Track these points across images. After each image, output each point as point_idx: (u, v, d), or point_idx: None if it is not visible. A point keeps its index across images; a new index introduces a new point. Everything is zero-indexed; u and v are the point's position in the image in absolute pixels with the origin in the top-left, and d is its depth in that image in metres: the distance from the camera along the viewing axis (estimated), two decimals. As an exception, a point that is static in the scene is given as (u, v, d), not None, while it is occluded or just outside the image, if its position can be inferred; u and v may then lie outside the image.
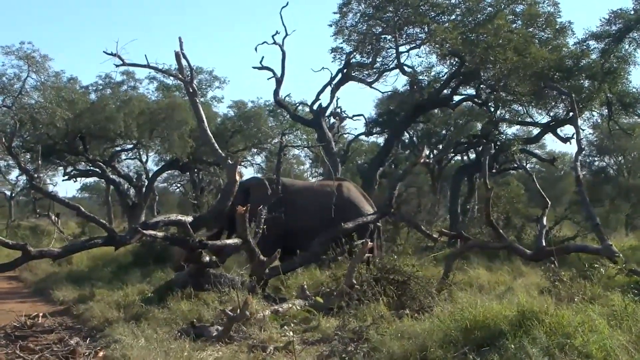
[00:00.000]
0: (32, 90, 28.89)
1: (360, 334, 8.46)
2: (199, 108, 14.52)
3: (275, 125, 33.69)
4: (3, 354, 8.66)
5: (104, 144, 31.09)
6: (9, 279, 17.81)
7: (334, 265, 12.66)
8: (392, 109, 24.97)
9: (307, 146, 31.76)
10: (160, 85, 33.07)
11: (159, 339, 8.56)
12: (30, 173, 12.64)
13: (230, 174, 13.53)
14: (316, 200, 14.67)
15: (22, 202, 46.21)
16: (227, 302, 10.35)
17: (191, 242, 11.29)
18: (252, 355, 7.86)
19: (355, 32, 21.44)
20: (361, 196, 15.51)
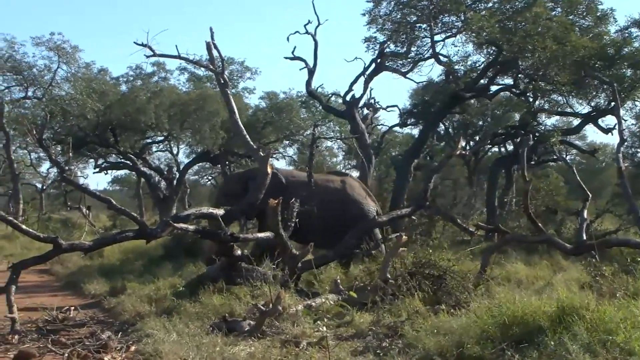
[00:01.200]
0: (62, 82, 29.18)
1: (395, 329, 8.38)
2: (230, 99, 14.44)
3: (307, 116, 33.54)
4: (35, 347, 8.65)
5: (134, 136, 31.24)
6: (41, 272, 17.90)
7: (367, 259, 12.51)
8: (427, 99, 24.62)
9: (340, 138, 31.60)
10: (191, 76, 33.19)
11: (190, 333, 8.53)
12: (61, 165, 12.56)
13: (262, 166, 13.42)
14: (317, 194, 14.44)
15: (53, 194, 46.71)
16: (259, 296, 10.27)
17: (223, 235, 11.22)
18: (285, 350, 7.76)
19: (389, 21, 21.18)
20: (363, 192, 15.28)
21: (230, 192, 14.69)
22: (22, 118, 27.25)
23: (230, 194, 14.64)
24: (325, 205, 13.95)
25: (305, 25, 21.32)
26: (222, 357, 7.54)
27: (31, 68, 29.46)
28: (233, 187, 14.81)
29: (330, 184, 14.73)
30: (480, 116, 28.73)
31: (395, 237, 11.57)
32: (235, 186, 14.73)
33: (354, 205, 14.56)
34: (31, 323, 10.43)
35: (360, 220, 14.00)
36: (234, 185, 14.91)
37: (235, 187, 14.64)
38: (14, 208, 31.40)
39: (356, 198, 14.72)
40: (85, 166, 36.80)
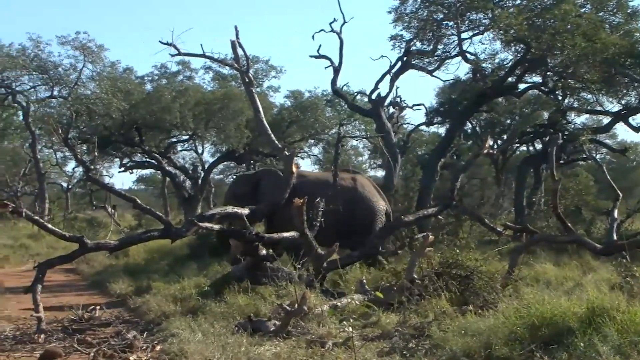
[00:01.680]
0: (88, 81, 29.44)
1: (421, 330, 8.28)
2: (255, 98, 14.42)
3: (332, 115, 33.49)
4: (61, 347, 8.66)
5: (159, 135, 31.37)
6: (66, 271, 18.02)
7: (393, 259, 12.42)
8: (454, 97, 24.44)
9: (365, 137, 31.49)
10: (216, 75, 33.25)
11: (216, 333, 8.49)
12: (87, 165, 12.63)
13: (287, 165, 13.38)
14: (327, 192, 14.33)
15: (79, 194, 47.07)
16: (284, 296, 10.23)
17: (247, 234, 11.17)
18: (311, 350, 7.68)
19: (416, 19, 21.00)
20: (374, 190, 15.17)
21: (240, 193, 14.63)
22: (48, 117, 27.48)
23: (240, 195, 14.59)
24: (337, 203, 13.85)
25: (330, 24, 21.25)
26: (248, 357, 7.49)
27: (57, 67, 29.74)
28: (243, 188, 14.76)
29: (341, 183, 14.63)
30: (508, 114, 28.51)
31: (422, 237, 11.44)
32: (245, 187, 14.68)
33: (364, 204, 14.48)
34: (57, 322, 10.49)
35: (370, 218, 13.90)
36: (243, 187, 14.85)
37: (245, 188, 14.60)
38: (40, 207, 31.67)
39: (366, 196, 14.63)
40: (110, 165, 37.03)
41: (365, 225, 14.07)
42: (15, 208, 10.70)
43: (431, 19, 20.95)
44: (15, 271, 18.79)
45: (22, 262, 20.55)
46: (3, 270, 18.76)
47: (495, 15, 19.41)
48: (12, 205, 10.76)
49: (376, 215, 14.26)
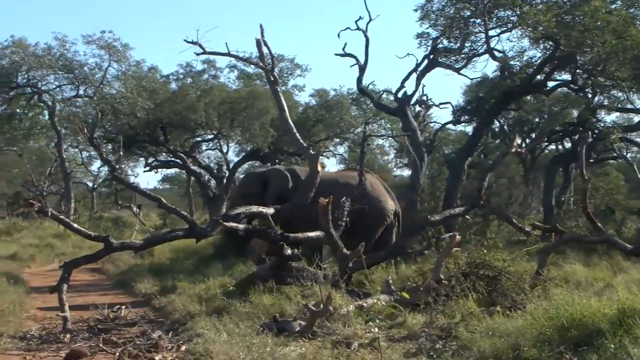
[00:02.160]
0: (113, 80, 29.56)
1: (448, 331, 8.24)
2: (280, 97, 14.37)
3: (358, 114, 33.38)
4: (87, 346, 8.72)
5: (184, 134, 31.47)
6: (92, 271, 18.12)
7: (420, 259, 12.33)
8: (482, 96, 24.21)
9: (391, 136, 31.27)
10: (241, 74, 33.24)
11: (241, 333, 8.50)
12: (112, 164, 12.67)
13: (312, 164, 13.30)
14: (335, 191, 14.21)
15: (104, 193, 47.41)
16: (309, 296, 10.22)
17: (272, 234, 11.14)
18: (336, 351, 7.66)
19: (442, 17, 20.80)
20: (383, 189, 15.04)
21: (248, 192, 14.56)
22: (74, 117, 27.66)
23: (248, 194, 14.54)
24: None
25: (356, 21, 21.06)
26: (273, 357, 7.47)
27: (82, 66, 29.93)
28: (251, 187, 14.68)
29: (351, 181, 14.52)
30: (536, 113, 28.27)
31: (449, 237, 11.35)
32: (253, 186, 14.60)
33: (373, 204, 14.35)
34: (83, 322, 10.56)
35: (379, 218, 13.79)
36: (252, 185, 14.77)
37: (254, 187, 14.53)
38: (65, 207, 31.90)
39: (375, 196, 14.49)
40: (135, 165, 37.23)
41: (374, 224, 13.91)
42: (41, 207, 10.76)
43: (458, 17, 20.75)
44: (41, 270, 18.93)
45: (48, 261, 20.68)
46: (29, 270, 18.89)
47: (524, 12, 19.18)
48: (38, 205, 10.82)
49: (385, 215, 14.13)
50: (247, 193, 14.61)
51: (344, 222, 12.08)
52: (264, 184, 14.56)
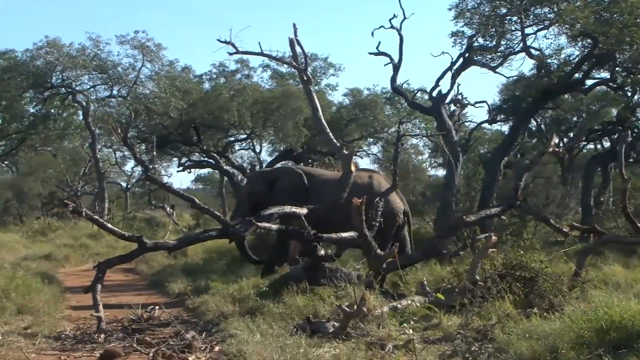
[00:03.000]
0: (146, 80, 29.74)
1: (484, 333, 8.11)
2: (314, 96, 14.27)
3: (392, 113, 33.28)
4: (121, 347, 8.75)
5: (217, 134, 31.60)
6: (126, 271, 18.23)
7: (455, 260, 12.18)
8: (518, 94, 23.93)
9: (426, 135, 31.15)
10: (274, 74, 33.27)
11: (274, 334, 8.47)
12: (146, 164, 12.68)
13: (346, 164, 13.19)
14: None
15: (138, 193, 47.73)
16: (343, 297, 10.12)
17: (306, 234, 11.07)
18: (370, 353, 7.61)
19: (478, 15, 20.61)
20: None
21: (256, 191, 14.49)
22: (108, 117, 27.92)
23: (256, 193, 14.47)
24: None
25: (390, 20, 20.95)
26: (307, 358, 7.43)
27: (116, 67, 30.21)
28: (259, 187, 14.59)
29: (358, 181, 14.39)
30: (574, 111, 28.00)
31: (485, 238, 11.20)
32: (260, 186, 14.50)
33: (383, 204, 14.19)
34: (117, 322, 10.61)
35: (390, 219, 13.63)
36: (259, 185, 14.67)
37: (261, 186, 14.42)
38: (99, 207, 32.16)
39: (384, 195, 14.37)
40: (168, 165, 37.54)
41: (386, 225, 13.72)
42: (75, 207, 10.80)
43: (494, 15, 20.54)
44: (75, 270, 19.10)
45: (82, 261, 20.86)
46: (64, 270, 19.07)
47: (561, 9, 18.96)
48: (73, 205, 10.86)
49: (395, 215, 13.99)
50: (255, 192, 14.55)
51: (377, 222, 11.97)
52: (271, 183, 14.47)
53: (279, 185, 14.26)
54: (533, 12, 20.31)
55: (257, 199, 14.03)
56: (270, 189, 14.13)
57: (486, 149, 31.98)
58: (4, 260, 15.54)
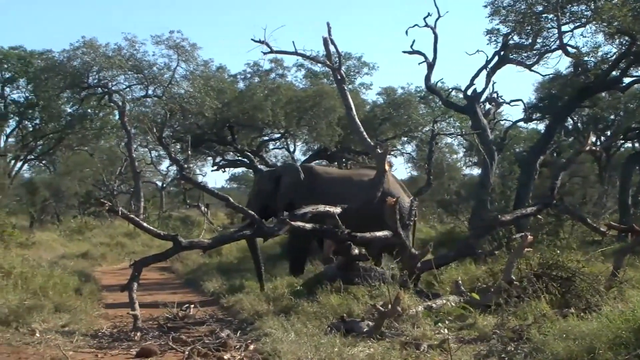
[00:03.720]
0: (181, 80, 29.87)
1: (520, 333, 8.03)
2: (347, 95, 14.25)
3: (426, 112, 33.07)
4: (157, 345, 8.81)
5: (251, 134, 31.63)
6: (161, 270, 18.37)
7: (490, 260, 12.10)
8: (554, 93, 23.74)
9: (460, 134, 30.84)
10: (308, 73, 33.24)
11: (309, 333, 8.49)
12: (180, 163, 12.73)
13: (380, 163, 13.15)
14: (351, 190, 13.96)
15: (173, 192, 47.94)
16: (377, 296, 10.10)
17: (340, 233, 11.06)
18: (405, 352, 7.56)
19: (513, 12, 20.40)
20: (399, 187, 14.73)
21: (263, 190, 14.50)
22: (143, 116, 28.15)
23: (263, 191, 14.49)
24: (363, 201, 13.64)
25: (424, 18, 20.85)
26: (341, 357, 7.42)
27: (151, 66, 30.39)
28: (265, 186, 14.58)
29: (366, 179, 14.33)
30: (612, 110, 27.63)
31: (520, 237, 11.10)
32: (267, 184, 14.48)
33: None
34: (153, 320, 10.68)
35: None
36: (265, 184, 14.65)
37: (268, 184, 14.40)
38: (135, 206, 32.38)
39: (392, 193, 14.25)
40: (203, 164, 37.57)
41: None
42: (111, 206, 10.93)
43: (530, 12, 20.32)
44: (111, 269, 19.29)
45: (119, 260, 21.05)
46: (100, 268, 19.27)
47: (598, 7, 18.69)
48: (109, 204, 10.98)
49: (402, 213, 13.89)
50: (262, 190, 14.58)
51: (412, 221, 11.93)
52: (276, 181, 14.47)
53: (282, 182, 14.28)
54: (570, 10, 20.03)
55: (265, 197, 14.14)
56: (275, 187, 14.12)
57: (522, 147, 31.68)
58: (42, 259, 15.72)
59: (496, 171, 21.87)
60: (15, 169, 36.71)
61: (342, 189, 13.84)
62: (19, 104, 35.64)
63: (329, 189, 13.83)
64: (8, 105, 35.66)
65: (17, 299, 10.86)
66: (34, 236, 21.78)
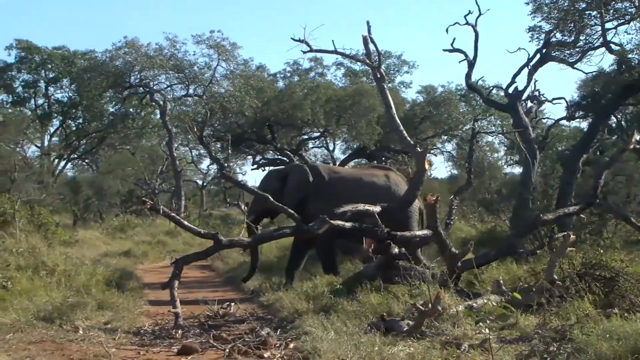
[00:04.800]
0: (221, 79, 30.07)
1: (563, 333, 7.94)
2: (387, 94, 14.19)
3: (467, 110, 32.85)
4: (197, 342, 8.88)
5: (291, 132, 31.71)
6: (202, 268, 18.48)
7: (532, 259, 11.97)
8: (597, 90, 23.33)
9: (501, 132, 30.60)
10: (348, 71, 33.23)
11: (348, 332, 8.46)
12: (221, 162, 12.86)
13: (419, 162, 13.08)
14: (359, 189, 13.92)
15: (213, 191, 48.21)
16: (417, 295, 10.02)
17: (379, 232, 11.04)
18: (446, 352, 7.50)
19: (556, 9, 20.15)
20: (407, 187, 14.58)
21: (269, 189, 14.48)
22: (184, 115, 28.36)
23: (268, 191, 14.46)
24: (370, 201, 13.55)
25: (465, 16, 20.68)
26: (381, 356, 7.39)
27: (192, 66, 30.64)
28: (271, 185, 14.52)
29: (375, 180, 14.26)
30: (657, 107, 27.03)
31: (563, 237, 10.98)
32: (273, 184, 14.42)
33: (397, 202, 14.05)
34: (193, 318, 10.77)
35: (403, 216, 13.41)
36: (272, 183, 14.60)
37: (274, 184, 14.35)
38: (176, 204, 32.65)
39: (400, 194, 14.13)
40: (243, 163, 37.79)
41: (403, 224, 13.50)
42: (153, 205, 11.02)
43: (572, 9, 20.07)
44: (153, 267, 19.48)
45: (160, 258, 21.25)
46: (142, 266, 19.48)
47: (643, 3, 18.41)
48: (150, 203, 11.09)
49: (410, 213, 13.77)
50: (267, 190, 14.56)
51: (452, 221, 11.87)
52: (282, 181, 14.45)
53: (289, 182, 14.28)
54: (613, 7, 19.74)
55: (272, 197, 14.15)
56: (282, 187, 14.10)
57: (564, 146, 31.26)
58: (85, 257, 15.94)
59: (538, 170, 21.63)
60: (59, 168, 37.31)
61: (352, 188, 13.91)
62: (63, 103, 36.32)
63: (337, 188, 13.85)
64: (52, 105, 36.33)
65: (61, 297, 11.09)
66: (77, 234, 22.10)
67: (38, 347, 8.31)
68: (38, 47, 35.37)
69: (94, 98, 33.27)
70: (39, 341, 8.64)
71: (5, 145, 30.92)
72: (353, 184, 14.18)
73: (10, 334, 8.78)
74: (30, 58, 35.18)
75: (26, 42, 35.31)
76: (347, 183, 14.15)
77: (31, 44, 35.29)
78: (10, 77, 35.42)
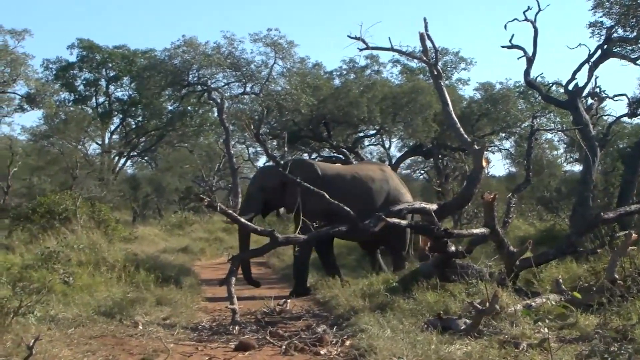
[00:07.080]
0: (278, 77, 30.08)
1: (624, 333, 7.79)
2: (444, 91, 14.08)
3: (525, 107, 32.28)
4: (254, 339, 8.97)
5: (347, 130, 31.58)
6: (258, 264, 18.59)
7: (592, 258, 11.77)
8: (660, 86, 22.86)
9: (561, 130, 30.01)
10: (404, 69, 33.02)
11: (405, 330, 8.46)
12: (277, 160, 12.88)
13: (477, 160, 12.96)
14: (354, 186, 13.92)
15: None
16: (474, 294, 9.94)
17: (436, 230, 10.99)
18: (504, 351, 7.44)
19: (618, 5, 19.74)
20: (400, 184, 14.59)
21: (268, 186, 14.36)
22: (241, 113, 28.53)
23: (267, 188, 14.35)
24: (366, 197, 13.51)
25: (524, 12, 20.40)
26: (438, 355, 7.35)
27: (249, 64, 30.66)
28: (270, 182, 14.39)
29: (371, 175, 14.19)
30: None
31: (624, 235, 10.76)
32: (273, 180, 14.27)
33: (395, 198, 14.08)
34: (250, 314, 10.88)
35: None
36: (271, 180, 14.45)
37: (274, 180, 14.19)
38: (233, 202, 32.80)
39: (396, 190, 14.00)
40: (299, 160, 37.71)
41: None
42: (210, 202, 11.15)
43: (635, 4, 19.63)
44: (210, 263, 19.73)
45: (217, 254, 21.47)
46: (200, 263, 19.73)
47: None
48: (208, 200, 11.23)
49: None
50: (266, 187, 14.47)
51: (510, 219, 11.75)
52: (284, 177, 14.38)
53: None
54: (677, 2, 19.28)
55: (269, 193, 14.24)
56: (282, 183, 14.00)
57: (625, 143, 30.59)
58: (144, 253, 16.22)
59: (598, 168, 21.23)
60: (119, 165, 37.98)
61: (351, 183, 14.07)
62: (123, 101, 36.97)
63: (337, 184, 13.86)
64: (112, 103, 36.99)
65: (121, 292, 11.29)
66: (137, 231, 22.45)
67: (99, 342, 8.49)
68: (99, 46, 36.09)
69: (153, 96, 33.71)
70: (100, 336, 8.85)
71: (67, 142, 31.54)
72: (352, 179, 14.39)
73: (72, 329, 8.98)
74: (91, 57, 35.89)
75: (88, 42, 36.02)
76: (346, 178, 14.32)
77: (92, 43, 36.01)
78: (72, 76, 36.16)
